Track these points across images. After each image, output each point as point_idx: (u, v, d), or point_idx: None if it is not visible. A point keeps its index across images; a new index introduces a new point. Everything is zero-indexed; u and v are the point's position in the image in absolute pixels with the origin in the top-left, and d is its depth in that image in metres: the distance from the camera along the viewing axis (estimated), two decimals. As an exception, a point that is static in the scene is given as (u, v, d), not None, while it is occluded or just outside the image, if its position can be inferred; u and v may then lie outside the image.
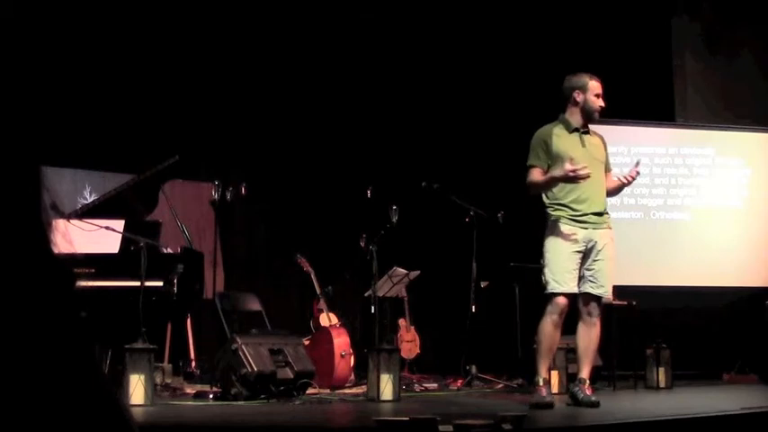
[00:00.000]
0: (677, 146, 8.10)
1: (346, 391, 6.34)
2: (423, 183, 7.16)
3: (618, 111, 7.72)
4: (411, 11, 8.35)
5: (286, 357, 5.69)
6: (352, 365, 6.90)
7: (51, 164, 6.67)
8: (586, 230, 5.16)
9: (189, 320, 6.85)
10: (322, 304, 7.16)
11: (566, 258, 5.12)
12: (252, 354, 5.45)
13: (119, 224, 5.93)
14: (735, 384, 7.25)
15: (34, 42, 0.95)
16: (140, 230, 5.94)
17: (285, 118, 8.38)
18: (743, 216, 8.11)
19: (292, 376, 5.64)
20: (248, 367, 5.39)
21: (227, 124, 8.12)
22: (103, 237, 5.72)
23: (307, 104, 8.41)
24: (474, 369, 6.90)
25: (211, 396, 5.52)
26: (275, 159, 8.32)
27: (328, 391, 6.17)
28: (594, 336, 5.24)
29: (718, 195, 8.09)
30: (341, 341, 6.79)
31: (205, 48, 7.91)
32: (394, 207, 7.01)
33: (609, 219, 5.33)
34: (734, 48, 8.65)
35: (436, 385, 6.89)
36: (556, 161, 5.15)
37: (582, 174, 5.02)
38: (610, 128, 7.93)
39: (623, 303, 6.78)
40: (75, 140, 7.22)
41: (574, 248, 5.13)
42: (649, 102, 8.34)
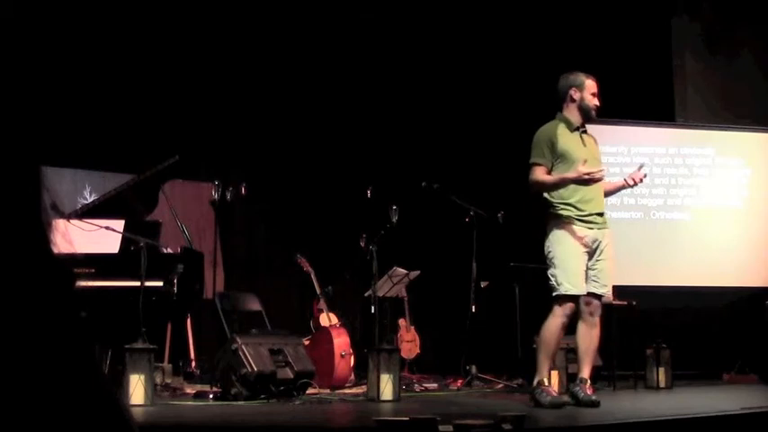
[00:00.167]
0: (677, 146, 8.10)
1: (346, 391, 6.33)
2: (423, 183, 7.16)
3: (618, 111, 7.73)
4: (411, 11, 8.35)
5: (286, 357, 5.69)
6: (352, 365, 6.90)
7: (51, 164, 6.67)
8: (592, 231, 5.14)
9: (189, 320, 6.85)
10: (322, 304, 7.16)
11: (578, 260, 5.09)
12: (252, 354, 5.45)
13: (119, 224, 5.93)
14: (735, 384, 7.25)
15: (34, 42, 0.95)
16: (140, 230, 5.94)
17: (285, 118, 8.38)
18: (743, 216, 8.11)
19: (292, 376, 5.64)
20: (248, 367, 5.39)
21: (227, 124, 8.12)
22: (103, 237, 5.72)
23: (307, 104, 8.41)
24: (474, 369, 6.90)
25: (211, 396, 5.52)
26: (275, 159, 8.32)
27: (328, 391, 6.17)
28: (595, 336, 5.22)
29: (718, 195, 8.09)
30: (341, 341, 6.79)
31: (205, 48, 7.91)
32: (394, 207, 7.01)
33: (607, 219, 5.34)
34: (734, 48, 8.65)
35: (436, 385, 6.89)
36: (561, 160, 5.12)
37: (597, 176, 5.02)
38: (610, 128, 7.95)
39: (623, 303, 6.77)
40: (75, 140, 7.22)
41: (583, 249, 5.10)
42: (649, 102, 8.34)
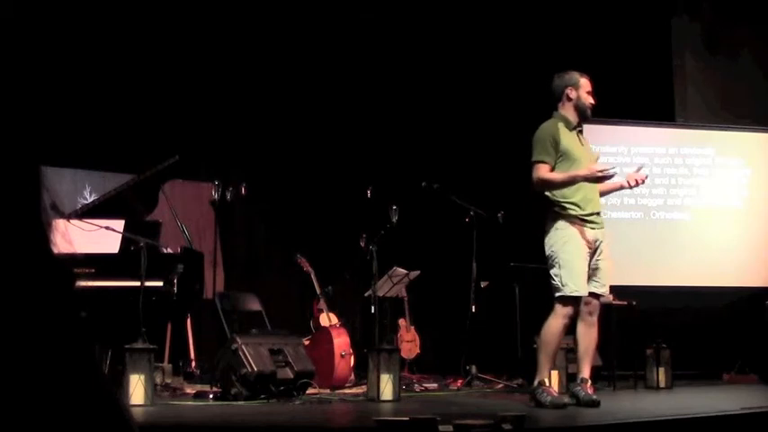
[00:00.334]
0: (677, 146, 8.10)
1: (346, 391, 6.33)
2: (423, 183, 7.16)
3: (618, 111, 7.74)
4: (411, 11, 8.35)
5: (286, 357, 5.69)
6: (352, 365, 6.90)
7: (51, 164, 6.67)
8: (594, 230, 5.13)
9: (189, 320, 6.85)
10: (322, 304, 7.16)
11: (583, 261, 5.07)
12: (252, 354, 5.45)
13: (119, 224, 5.93)
14: (735, 384, 7.25)
15: (34, 42, 0.95)
16: (140, 230, 5.94)
17: (285, 118, 8.38)
18: (743, 216, 8.11)
19: (292, 376, 5.64)
20: (248, 367, 5.39)
21: (227, 124, 8.12)
22: (103, 237, 5.72)
23: (307, 104, 8.41)
24: (474, 369, 6.90)
25: (211, 396, 5.52)
26: (275, 159, 8.32)
27: (328, 391, 6.16)
28: (594, 335, 5.22)
29: (718, 195, 8.09)
30: (341, 341, 6.79)
31: (205, 48, 7.91)
32: (394, 207, 7.01)
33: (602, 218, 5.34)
34: (734, 48, 8.65)
35: (436, 385, 6.89)
36: (563, 158, 5.10)
37: (609, 173, 5.02)
38: (610, 128, 7.96)
39: (623, 303, 6.77)
40: (75, 140, 7.22)
41: (587, 250, 5.09)
42: (649, 102, 8.34)
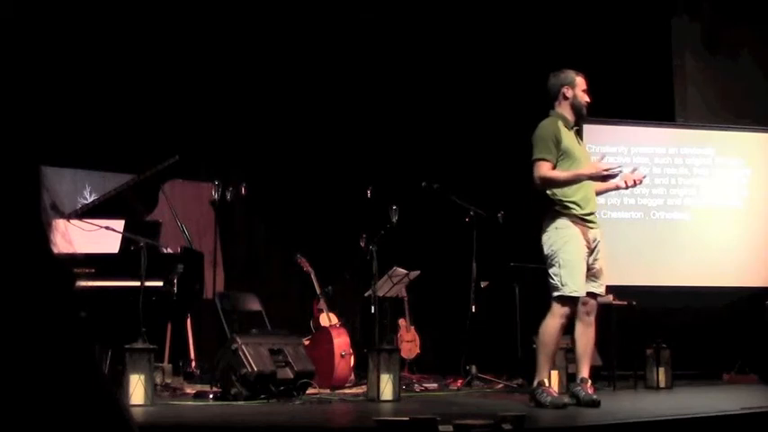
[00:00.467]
0: (677, 146, 8.09)
1: (346, 391, 6.33)
2: (423, 183, 7.16)
3: (618, 111, 7.74)
4: (411, 11, 8.35)
5: (286, 357, 5.69)
6: (352, 365, 6.90)
7: (51, 164, 6.67)
8: (592, 230, 5.14)
9: (189, 320, 6.85)
10: (322, 304, 7.16)
11: (582, 261, 5.06)
12: (252, 354, 5.45)
13: (119, 224, 5.93)
14: (735, 384, 7.25)
15: (34, 42, 0.95)
16: (140, 230, 5.94)
17: (285, 118, 8.37)
18: (743, 216, 8.10)
19: (292, 376, 5.64)
20: (248, 367, 5.39)
21: (227, 124, 8.12)
22: (103, 237, 5.72)
23: (307, 104, 8.41)
24: (474, 369, 6.90)
25: (211, 396, 5.52)
26: (275, 159, 8.32)
27: (328, 391, 6.16)
28: (592, 335, 5.21)
29: (718, 195, 8.09)
30: (341, 341, 6.79)
31: (205, 48, 7.91)
32: (394, 207, 7.01)
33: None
34: (734, 48, 8.64)
35: (436, 385, 6.89)
36: (564, 157, 5.09)
37: (615, 171, 5.01)
38: (610, 128, 7.96)
39: (623, 303, 6.77)
40: (75, 140, 7.22)
41: (586, 250, 5.09)
42: (649, 102, 8.34)
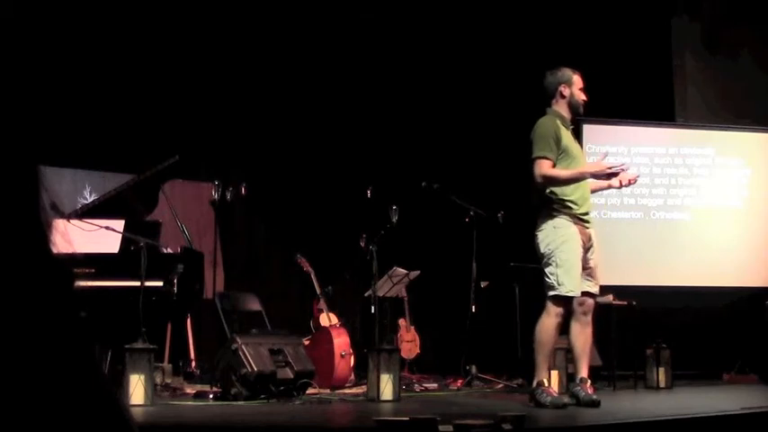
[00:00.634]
0: (677, 146, 8.09)
1: (346, 391, 6.33)
2: (423, 183, 7.16)
3: (618, 111, 7.74)
4: (411, 11, 8.35)
5: (286, 357, 5.69)
6: (352, 365, 6.90)
7: (51, 164, 6.68)
8: (587, 229, 5.14)
9: (189, 320, 6.85)
10: (322, 304, 7.16)
11: (578, 261, 5.05)
12: (252, 354, 5.45)
13: (119, 224, 5.93)
14: (735, 384, 7.25)
15: (34, 42, 0.95)
16: (140, 230, 5.94)
17: (285, 118, 8.38)
18: (743, 216, 8.11)
19: (292, 376, 5.64)
20: (248, 367, 5.39)
21: (227, 124, 8.12)
22: (103, 237, 5.72)
23: (307, 104, 8.41)
24: (474, 369, 6.90)
25: (211, 396, 5.52)
26: (275, 159, 8.32)
27: (328, 391, 6.16)
28: (589, 334, 5.21)
29: (718, 195, 8.09)
30: (341, 341, 6.79)
31: (205, 48, 7.91)
32: (394, 207, 7.01)
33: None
34: (734, 48, 8.64)
35: (436, 385, 6.89)
36: (563, 155, 5.08)
37: (618, 170, 5.01)
38: (610, 128, 7.96)
39: (623, 303, 6.77)
40: (75, 140, 7.22)
41: (581, 249, 5.08)
42: (649, 102, 8.34)
